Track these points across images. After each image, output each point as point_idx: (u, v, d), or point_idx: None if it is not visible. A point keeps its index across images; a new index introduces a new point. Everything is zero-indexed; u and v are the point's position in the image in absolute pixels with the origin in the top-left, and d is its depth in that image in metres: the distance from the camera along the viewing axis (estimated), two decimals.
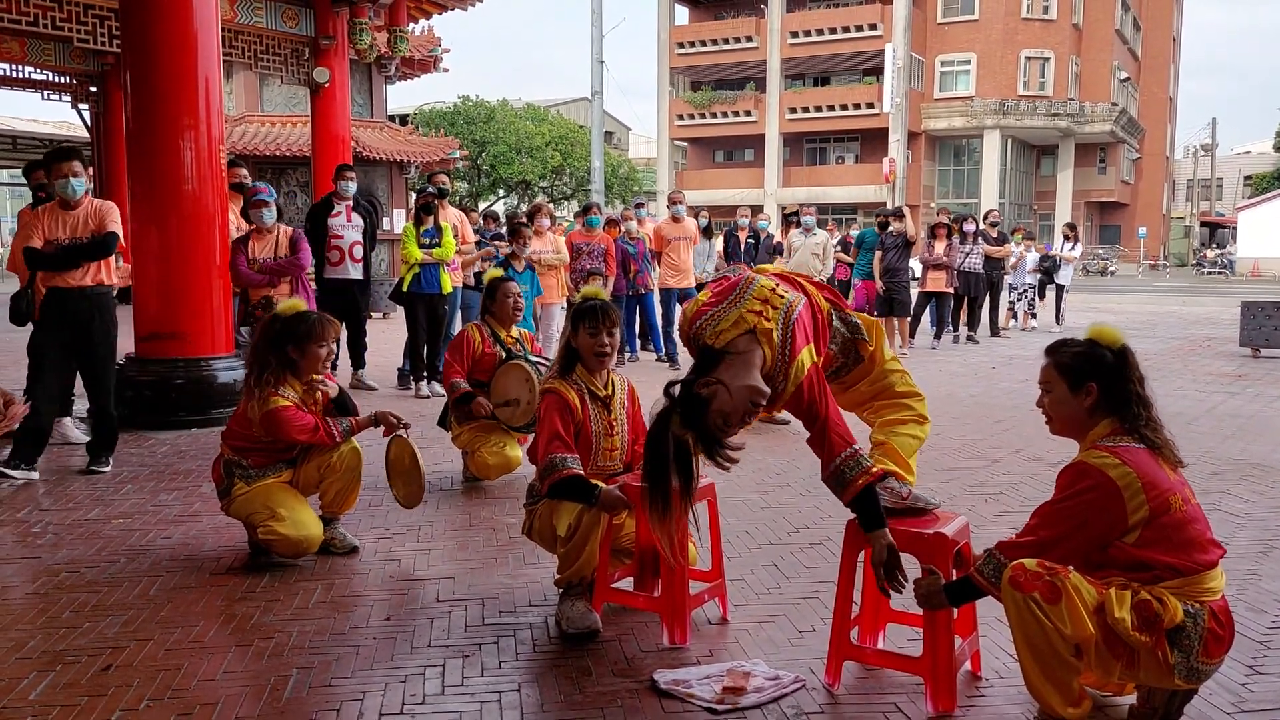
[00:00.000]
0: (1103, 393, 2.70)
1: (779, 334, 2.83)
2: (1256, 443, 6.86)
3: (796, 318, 2.87)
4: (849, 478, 2.84)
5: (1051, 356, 2.82)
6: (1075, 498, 2.59)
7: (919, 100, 44.32)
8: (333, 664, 3.21)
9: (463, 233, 9.24)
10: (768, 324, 2.83)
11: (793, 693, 3.01)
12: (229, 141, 14.84)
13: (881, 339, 3.23)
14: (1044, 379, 2.83)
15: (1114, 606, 2.51)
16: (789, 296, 2.92)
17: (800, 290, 3.04)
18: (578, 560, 3.43)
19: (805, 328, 2.91)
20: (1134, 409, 2.69)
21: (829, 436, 2.87)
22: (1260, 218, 42.32)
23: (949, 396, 8.78)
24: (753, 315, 2.85)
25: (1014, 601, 2.56)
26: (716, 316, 2.88)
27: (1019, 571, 2.57)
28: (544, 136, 38.12)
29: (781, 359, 2.83)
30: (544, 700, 2.97)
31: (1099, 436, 2.69)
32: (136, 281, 7.24)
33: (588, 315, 3.62)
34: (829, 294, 3.20)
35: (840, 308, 3.19)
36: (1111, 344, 2.75)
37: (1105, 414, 2.71)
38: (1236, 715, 2.89)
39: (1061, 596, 2.50)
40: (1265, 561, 4.29)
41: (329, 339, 4.19)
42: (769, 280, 2.97)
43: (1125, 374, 2.71)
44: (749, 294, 2.90)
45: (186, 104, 7.07)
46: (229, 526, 4.56)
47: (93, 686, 3.03)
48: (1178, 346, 13.29)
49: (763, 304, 2.87)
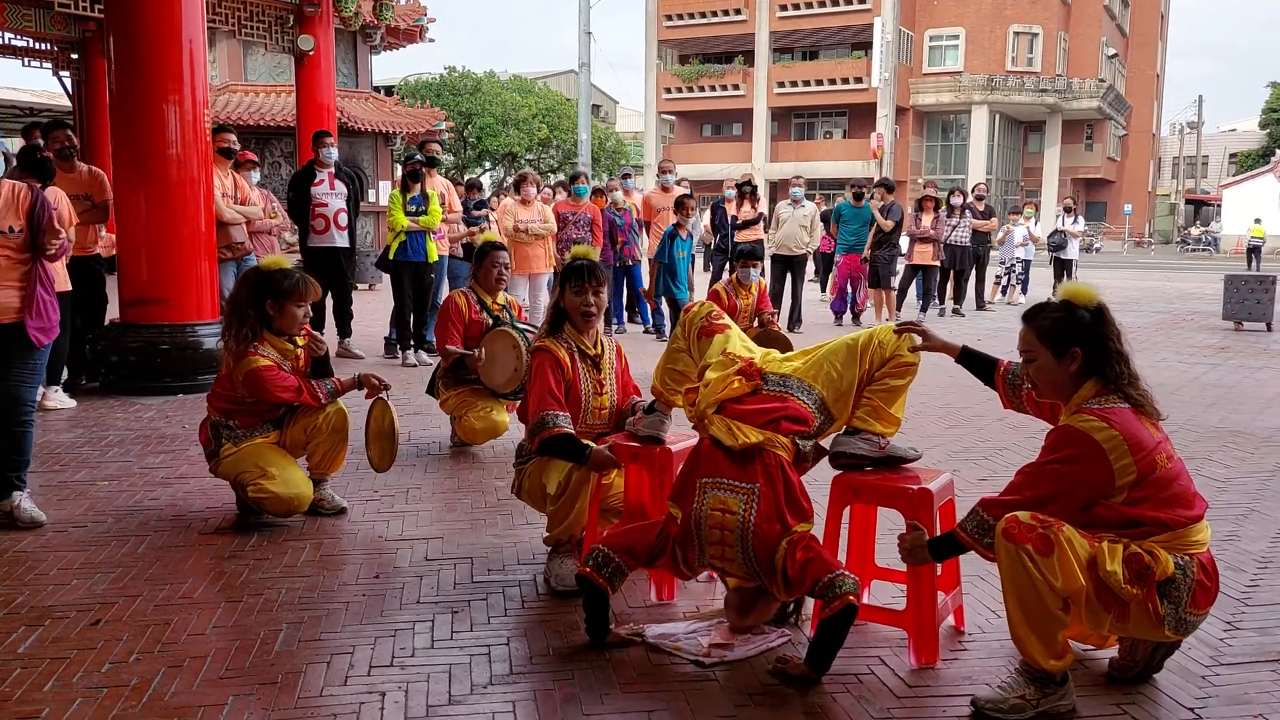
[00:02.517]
0: (1087, 355, 2.68)
1: (743, 567, 2.97)
2: (1237, 411, 6.94)
3: (753, 533, 2.89)
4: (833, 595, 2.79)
5: (1031, 323, 2.76)
6: (1062, 462, 2.60)
7: (907, 75, 44.20)
8: (322, 619, 3.23)
9: (449, 201, 9.20)
10: (733, 569, 3.01)
11: (778, 646, 3.05)
12: (212, 111, 14.71)
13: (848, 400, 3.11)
14: (1025, 346, 2.77)
15: (1105, 560, 2.53)
16: (739, 512, 2.90)
17: (753, 468, 2.94)
18: (566, 519, 3.46)
19: (766, 534, 2.88)
20: (1115, 366, 2.68)
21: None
22: (1245, 195, 42.53)
23: (934, 367, 8.75)
24: (717, 563, 3.03)
25: (1006, 553, 2.57)
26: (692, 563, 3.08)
27: (1012, 524, 2.57)
28: (531, 109, 37.82)
29: (758, 578, 2.98)
30: (532, 653, 3.00)
31: (1084, 398, 2.68)
32: (121, 248, 7.20)
33: (574, 274, 3.64)
34: (788, 423, 3.02)
35: (803, 429, 3.04)
36: (1088, 303, 2.72)
37: (1088, 375, 2.70)
38: (1215, 669, 2.94)
39: (1054, 549, 2.52)
40: (1244, 524, 4.36)
41: (308, 299, 4.17)
42: (715, 496, 2.94)
43: (1104, 332, 2.69)
44: (703, 538, 2.97)
45: (171, 68, 7.00)
46: (217, 488, 4.56)
47: (81, 640, 3.05)
48: (1162, 320, 13.38)
49: (719, 544, 2.97)
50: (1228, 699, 2.76)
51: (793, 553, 2.85)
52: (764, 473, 2.95)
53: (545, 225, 9.81)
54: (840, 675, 2.87)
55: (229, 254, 7.98)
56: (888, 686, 2.82)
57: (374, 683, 2.81)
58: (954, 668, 2.95)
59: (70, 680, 2.79)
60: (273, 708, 2.65)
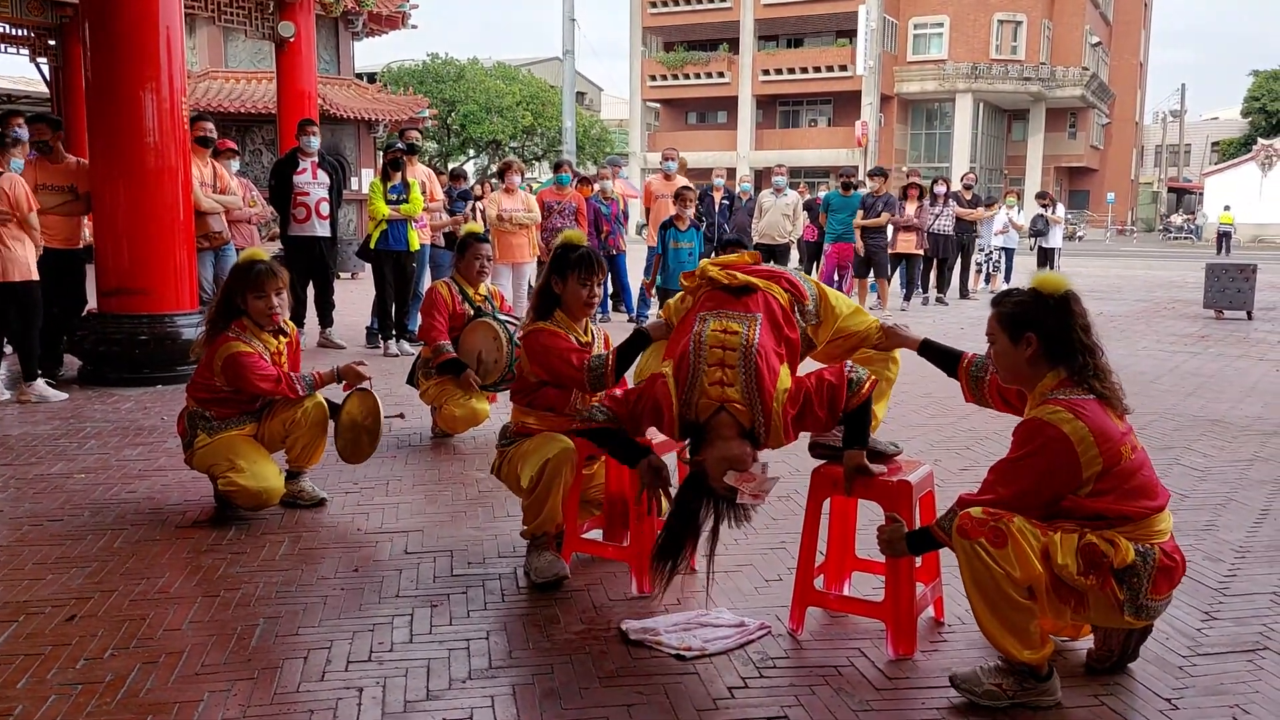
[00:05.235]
0: (1043, 343, 2.67)
1: (743, 392, 2.85)
2: (1217, 400, 6.97)
3: (756, 352, 2.86)
4: (854, 388, 2.90)
5: (995, 308, 2.79)
6: (1031, 455, 2.60)
7: (892, 63, 44.19)
8: (300, 614, 3.21)
9: (431, 190, 9.15)
10: (732, 392, 2.85)
11: (758, 639, 3.04)
12: (192, 98, 14.56)
13: (831, 308, 3.20)
14: (988, 331, 2.80)
15: (1057, 553, 2.54)
16: (741, 333, 2.90)
17: (756, 301, 3.00)
18: (540, 514, 3.44)
19: (768, 357, 2.89)
20: (1080, 358, 2.67)
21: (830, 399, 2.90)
22: (1227, 183, 42.75)
23: (917, 356, 8.83)
24: (716, 388, 2.87)
25: (963, 549, 2.59)
26: (688, 400, 2.91)
27: (966, 520, 2.59)
28: (515, 96, 37.65)
29: (756, 412, 2.86)
30: (512, 647, 2.99)
31: (1049, 388, 2.68)
32: (99, 237, 7.12)
33: (583, 264, 3.52)
34: (787, 281, 3.14)
35: (799, 296, 3.13)
36: (1054, 291, 2.70)
37: (1050, 364, 2.69)
38: (1193, 659, 2.95)
39: (1007, 540, 2.53)
40: (1223, 513, 4.38)
41: (269, 290, 4.11)
42: (716, 324, 2.93)
43: (1068, 322, 2.67)
44: (703, 360, 2.89)
45: (148, 55, 6.92)
46: (195, 481, 4.52)
47: (57, 636, 3.01)
48: (1142, 308, 13.44)
49: (719, 366, 2.87)
50: (1204, 689, 2.77)
51: (795, 396, 2.87)
52: (765, 309, 3.00)
53: (529, 214, 9.76)
54: (819, 667, 2.87)
55: (206, 243, 7.92)
56: (867, 678, 2.82)
57: (351, 678, 2.79)
58: (933, 659, 2.95)
59: (44, 677, 2.76)
60: (249, 703, 2.63)
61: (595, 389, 3.43)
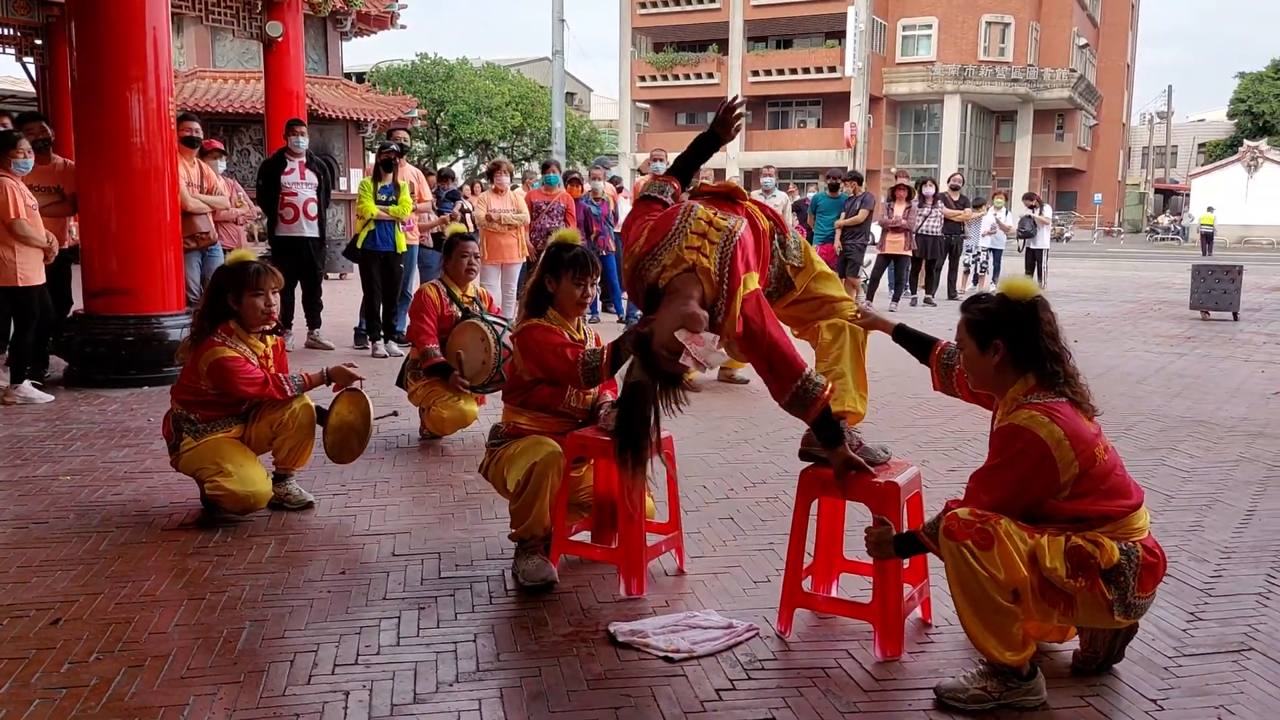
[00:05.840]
0: (1010, 350, 2.67)
1: (717, 265, 2.85)
2: (1202, 401, 7.01)
3: (737, 243, 2.89)
4: (811, 396, 2.89)
5: (963, 314, 2.79)
6: (1011, 461, 2.61)
7: (881, 65, 44.30)
8: (286, 616, 3.19)
9: (419, 191, 9.13)
10: (706, 261, 2.85)
11: (746, 640, 3.05)
12: (180, 98, 14.50)
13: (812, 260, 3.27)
14: (957, 336, 2.80)
15: (1045, 556, 2.55)
16: (728, 223, 2.93)
17: (742, 211, 3.09)
18: (527, 518, 3.44)
19: (746, 252, 2.92)
20: (1048, 365, 2.66)
21: (779, 361, 2.89)
22: (1213, 185, 42.94)
23: (906, 357, 8.84)
24: (691, 252, 2.86)
25: (949, 551, 2.60)
26: (656, 255, 2.89)
27: (952, 521, 2.60)
28: (504, 96, 37.58)
29: (721, 290, 2.86)
30: (499, 650, 2.98)
31: (1020, 393, 2.68)
32: (85, 238, 7.09)
33: (576, 264, 3.52)
34: (770, 213, 3.24)
35: (781, 229, 3.22)
36: (1022, 298, 2.70)
37: (1018, 371, 2.69)
38: (1178, 659, 2.97)
39: (994, 543, 2.54)
40: (1208, 514, 4.40)
41: (266, 288, 4.10)
42: (706, 210, 2.96)
43: (1034, 329, 2.67)
44: (687, 228, 2.90)
45: (134, 55, 6.88)
46: (181, 483, 4.50)
47: (41, 640, 3.00)
48: (1129, 310, 13.50)
49: (701, 237, 2.88)
50: (1189, 690, 2.79)
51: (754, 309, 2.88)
52: (749, 217, 3.06)
53: (518, 215, 9.75)
54: (806, 669, 2.88)
55: (193, 244, 7.88)
56: (854, 680, 2.82)
57: (338, 681, 2.78)
58: (920, 660, 2.96)
59: (28, 680, 2.75)
60: (235, 707, 2.62)
61: (590, 384, 3.44)
